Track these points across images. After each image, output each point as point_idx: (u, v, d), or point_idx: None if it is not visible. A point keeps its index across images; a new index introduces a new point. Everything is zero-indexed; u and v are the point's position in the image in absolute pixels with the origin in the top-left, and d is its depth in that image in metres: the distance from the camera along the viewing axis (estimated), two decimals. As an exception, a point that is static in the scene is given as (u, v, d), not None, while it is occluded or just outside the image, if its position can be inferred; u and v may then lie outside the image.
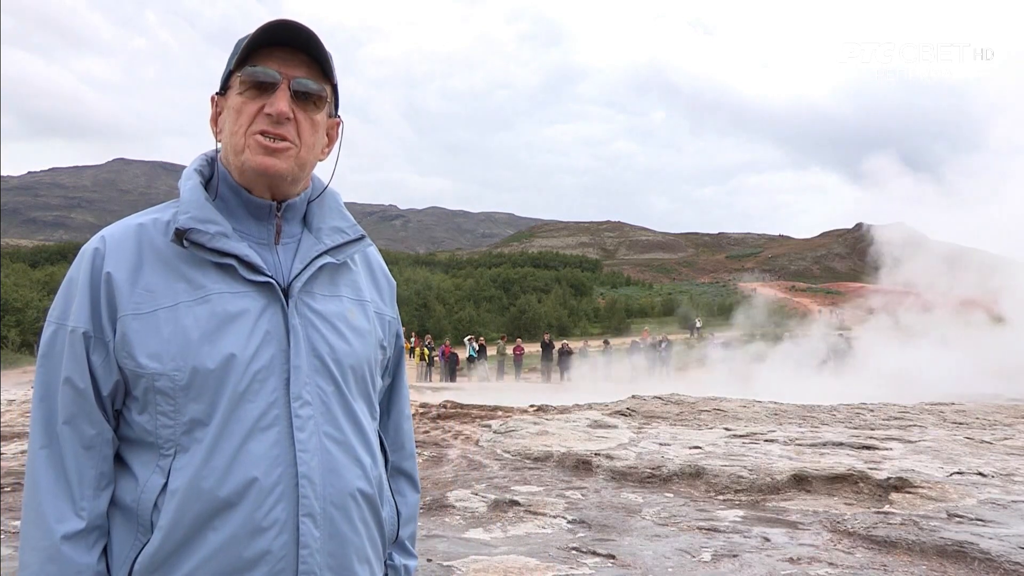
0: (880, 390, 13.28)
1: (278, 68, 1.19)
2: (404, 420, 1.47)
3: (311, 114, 1.22)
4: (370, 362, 1.28)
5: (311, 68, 1.22)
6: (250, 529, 1.10)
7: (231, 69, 1.22)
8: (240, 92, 1.20)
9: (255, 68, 1.19)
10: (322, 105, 1.24)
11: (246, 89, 1.20)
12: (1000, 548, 3.77)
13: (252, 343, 1.15)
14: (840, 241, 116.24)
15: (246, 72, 1.19)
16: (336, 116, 1.32)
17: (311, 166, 1.27)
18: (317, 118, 1.23)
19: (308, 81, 1.21)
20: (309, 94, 1.21)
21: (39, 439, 1.16)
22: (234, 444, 1.11)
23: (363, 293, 1.32)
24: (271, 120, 1.18)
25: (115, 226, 1.22)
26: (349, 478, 1.19)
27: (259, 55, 1.20)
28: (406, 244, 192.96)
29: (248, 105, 1.19)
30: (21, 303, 32.47)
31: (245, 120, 1.19)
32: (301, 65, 1.21)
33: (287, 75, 1.20)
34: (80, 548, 1.13)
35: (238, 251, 1.17)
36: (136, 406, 1.16)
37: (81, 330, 1.15)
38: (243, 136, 1.19)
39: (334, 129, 1.32)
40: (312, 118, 1.22)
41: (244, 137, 1.19)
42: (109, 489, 1.16)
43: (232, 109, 1.21)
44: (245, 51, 1.20)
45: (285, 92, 1.19)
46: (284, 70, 1.20)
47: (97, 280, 1.15)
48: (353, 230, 1.31)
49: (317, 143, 1.26)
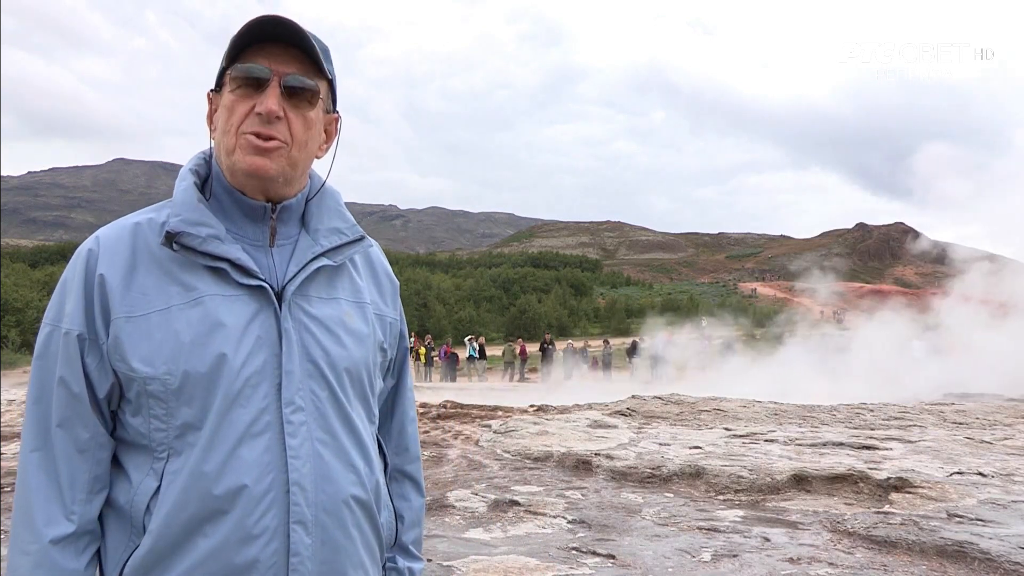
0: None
1: (268, 64, 1.16)
2: (408, 423, 1.44)
3: (304, 111, 1.19)
4: (368, 366, 1.26)
5: (303, 63, 1.19)
6: (240, 536, 1.09)
7: (224, 66, 1.20)
8: (232, 90, 1.18)
9: (244, 65, 1.17)
10: (315, 101, 1.21)
11: (237, 87, 1.17)
12: (1000, 548, 3.77)
13: (244, 347, 1.13)
14: (840, 241, 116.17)
15: (236, 69, 1.17)
16: (334, 112, 1.28)
17: (305, 165, 1.24)
18: (310, 115, 1.20)
19: (300, 77, 1.18)
20: (301, 90, 1.18)
21: (31, 441, 1.15)
22: (225, 450, 1.10)
23: (363, 295, 1.28)
24: (261, 119, 1.15)
25: (110, 226, 1.20)
26: (343, 484, 1.17)
27: (250, 51, 1.17)
28: (406, 244, 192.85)
29: (239, 104, 1.17)
30: (21, 303, 32.45)
31: (236, 119, 1.17)
32: (293, 61, 1.18)
33: (278, 72, 1.17)
34: (69, 553, 1.12)
35: (230, 254, 1.15)
36: (130, 409, 1.15)
37: (75, 332, 1.14)
38: (234, 135, 1.17)
39: (332, 125, 1.28)
40: (305, 115, 1.19)
41: (235, 136, 1.17)
42: (103, 494, 1.15)
43: (224, 107, 1.19)
44: (236, 47, 1.17)
45: (275, 90, 1.16)
46: (275, 66, 1.17)
47: (91, 282, 1.14)
48: (352, 231, 1.28)
49: (311, 141, 1.22)
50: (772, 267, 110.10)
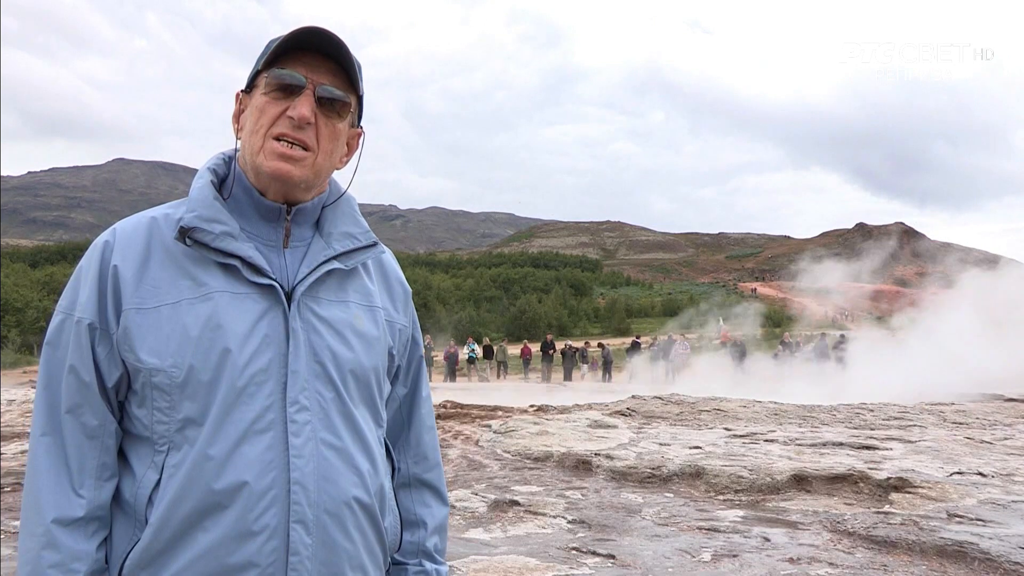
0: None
1: (305, 73, 1.19)
2: (425, 431, 1.44)
3: (333, 122, 1.22)
4: (376, 369, 1.26)
5: (338, 76, 1.22)
6: (240, 532, 1.10)
7: (258, 69, 1.22)
8: (265, 92, 1.20)
9: (283, 71, 1.19)
10: (345, 114, 1.23)
11: (271, 90, 1.19)
12: (1000, 548, 3.77)
13: (250, 345, 1.14)
14: (840, 241, 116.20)
15: (273, 73, 1.19)
16: (359, 127, 1.31)
17: (327, 173, 1.26)
18: (339, 126, 1.23)
19: (333, 88, 1.21)
20: (333, 101, 1.21)
21: (41, 426, 1.16)
22: (228, 445, 1.11)
23: (374, 299, 1.30)
24: (292, 124, 1.18)
25: (128, 220, 1.22)
26: (345, 486, 1.18)
27: (288, 58, 1.20)
28: (406, 244, 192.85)
29: (271, 106, 1.19)
30: (21, 303, 32.46)
31: (267, 121, 1.19)
32: (328, 72, 1.21)
33: (313, 80, 1.19)
34: (78, 535, 1.13)
35: (242, 252, 1.16)
36: (136, 400, 1.16)
37: (87, 321, 1.15)
38: (262, 137, 1.19)
39: (355, 139, 1.31)
40: (334, 126, 1.22)
41: (263, 139, 1.19)
42: (112, 481, 1.17)
43: (255, 108, 1.21)
44: (275, 52, 1.20)
45: (310, 97, 1.19)
46: (311, 75, 1.19)
47: (105, 272, 1.16)
48: (365, 236, 1.30)
49: (335, 151, 1.25)
50: (772, 267, 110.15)
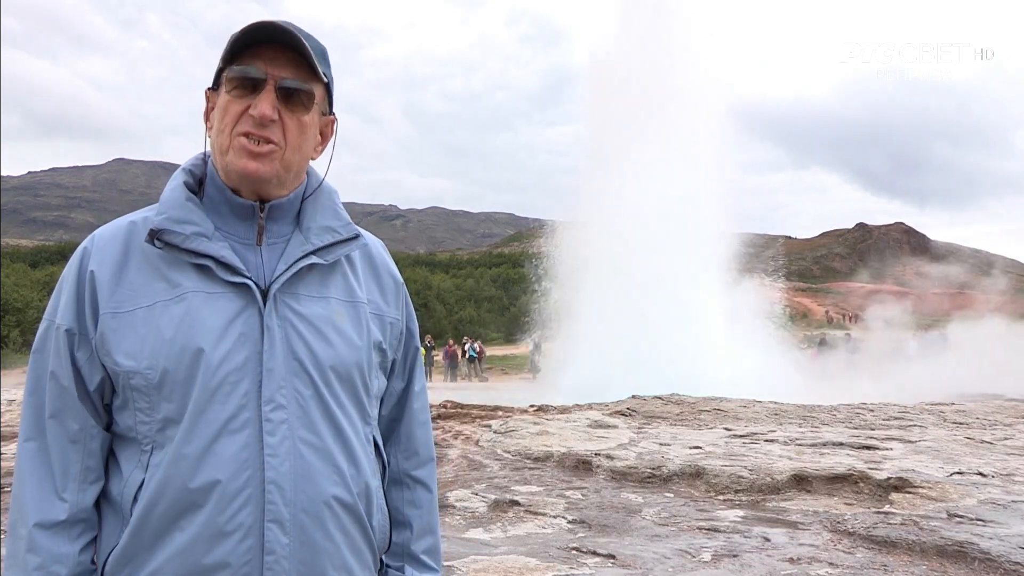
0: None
1: (265, 67, 1.18)
2: (417, 426, 1.41)
3: (299, 115, 1.20)
4: (360, 365, 1.24)
5: (299, 67, 1.20)
6: (213, 532, 1.10)
7: (220, 66, 1.21)
8: (228, 90, 1.19)
9: (240, 67, 1.18)
10: (310, 105, 1.22)
11: (232, 88, 1.18)
12: (1000, 548, 3.77)
13: (224, 344, 1.14)
14: (840, 241, 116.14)
15: (232, 71, 1.18)
16: (331, 114, 1.29)
17: (300, 167, 1.25)
18: (305, 119, 1.21)
19: (295, 81, 1.19)
20: (296, 93, 1.19)
21: (26, 431, 1.18)
22: (201, 445, 1.11)
23: (357, 294, 1.27)
24: (255, 122, 1.17)
25: (108, 225, 1.23)
26: (324, 485, 1.16)
27: (247, 53, 1.19)
28: (406, 244, 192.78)
29: (234, 104, 1.18)
30: (21, 303, 32.45)
31: (231, 119, 1.18)
32: (289, 64, 1.19)
33: (273, 75, 1.18)
34: (62, 538, 1.14)
35: (213, 251, 1.16)
36: (118, 402, 1.17)
37: (65, 327, 1.16)
38: (228, 136, 1.18)
39: (328, 127, 1.29)
40: (300, 119, 1.20)
41: (229, 137, 1.18)
42: (97, 484, 1.18)
43: (219, 107, 1.20)
44: (232, 49, 1.18)
45: (270, 93, 1.17)
46: (271, 69, 1.18)
47: (83, 279, 1.17)
48: (346, 229, 1.28)
49: (305, 144, 1.23)
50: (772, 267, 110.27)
